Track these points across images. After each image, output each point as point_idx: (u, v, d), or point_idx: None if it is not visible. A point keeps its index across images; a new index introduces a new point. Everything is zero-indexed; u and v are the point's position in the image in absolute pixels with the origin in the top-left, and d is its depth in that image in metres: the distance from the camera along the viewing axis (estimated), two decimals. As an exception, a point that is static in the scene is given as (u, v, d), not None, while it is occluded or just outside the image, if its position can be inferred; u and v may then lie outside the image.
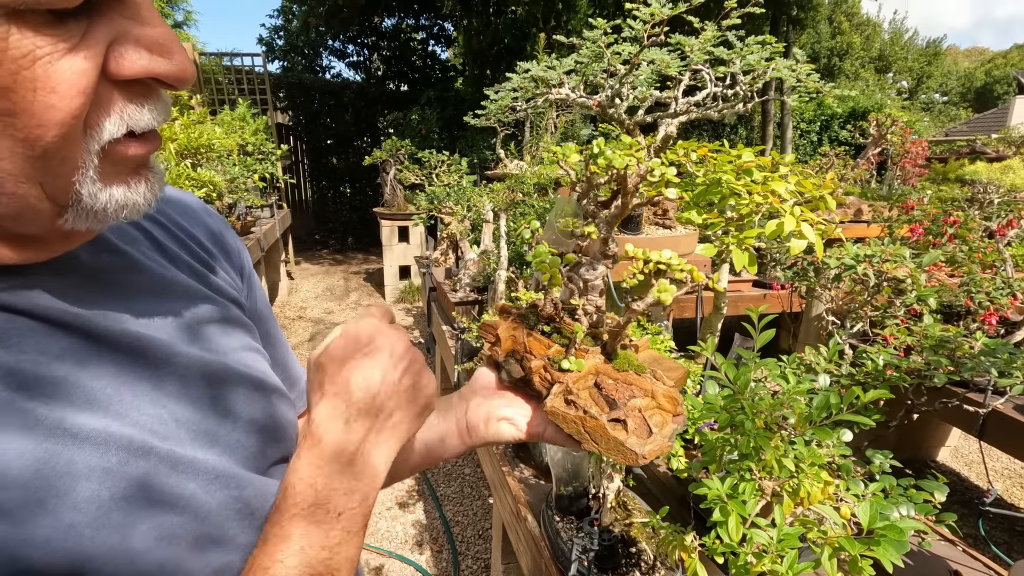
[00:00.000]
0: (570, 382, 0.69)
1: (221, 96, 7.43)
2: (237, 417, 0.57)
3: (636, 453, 0.63)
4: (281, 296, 7.23)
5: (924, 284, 1.56)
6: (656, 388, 0.70)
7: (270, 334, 0.75)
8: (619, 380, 0.70)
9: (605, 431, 0.64)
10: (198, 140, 3.33)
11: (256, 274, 0.78)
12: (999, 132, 9.02)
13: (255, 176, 6.00)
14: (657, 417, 0.67)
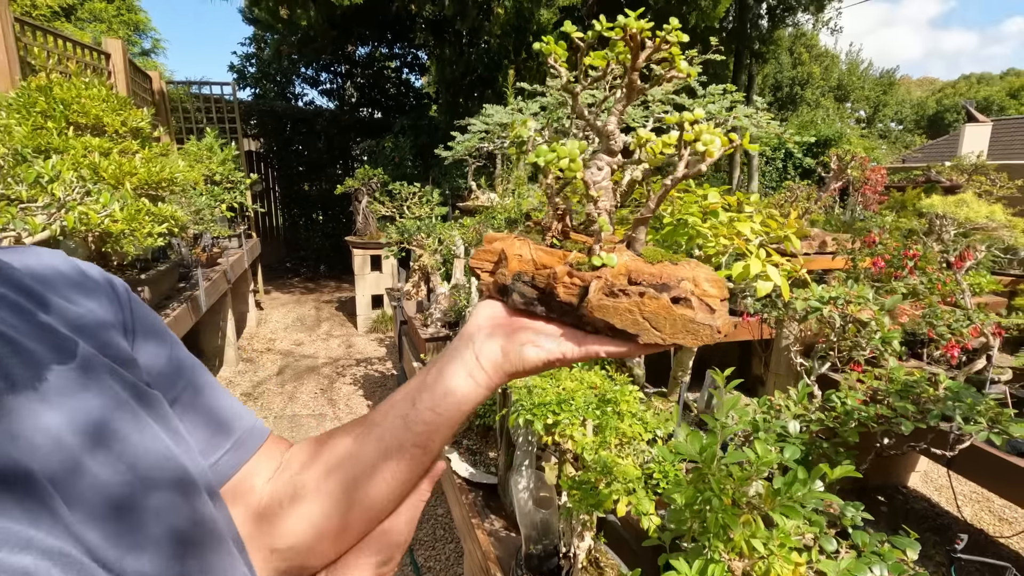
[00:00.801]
0: (608, 276, 0.61)
1: (189, 125, 7.31)
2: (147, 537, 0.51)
3: (711, 327, 0.57)
4: (249, 327, 7.04)
5: (888, 327, 1.57)
6: (697, 274, 0.62)
7: (195, 383, 0.66)
8: (655, 272, 0.62)
9: (670, 310, 0.58)
10: (159, 174, 3.24)
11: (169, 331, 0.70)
12: (952, 160, 9.44)
13: (223, 206, 5.88)
14: (709, 299, 0.61)
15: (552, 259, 0.69)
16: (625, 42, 0.78)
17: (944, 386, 1.48)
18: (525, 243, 0.73)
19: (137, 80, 5.92)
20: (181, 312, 3.81)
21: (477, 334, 0.66)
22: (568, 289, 0.64)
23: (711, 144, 0.66)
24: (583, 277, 0.64)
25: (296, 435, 4.36)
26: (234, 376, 5.51)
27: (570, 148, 0.70)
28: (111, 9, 11.59)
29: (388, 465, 0.63)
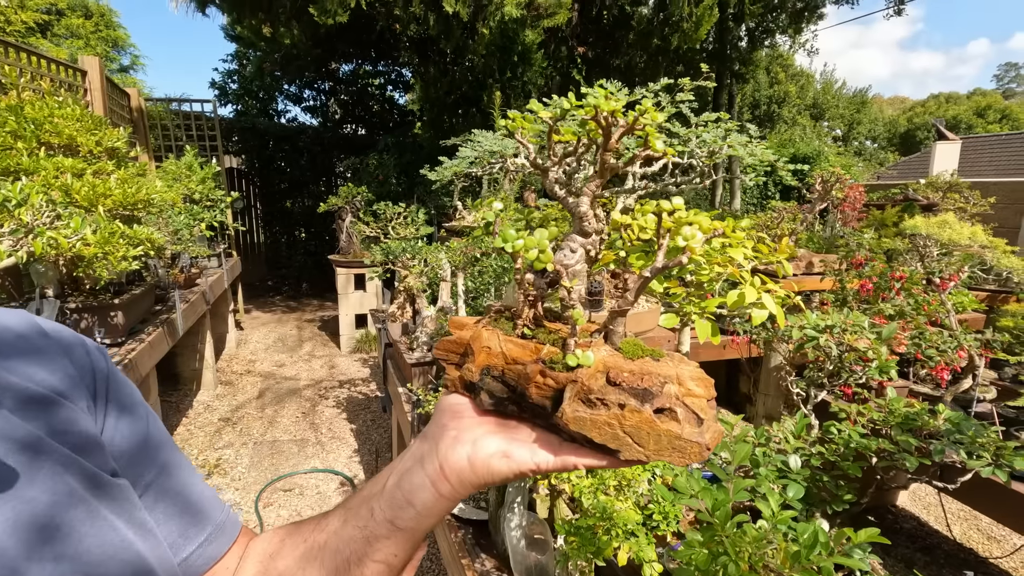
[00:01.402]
0: (584, 379, 0.57)
1: (168, 142, 7.19)
2: None
3: (699, 444, 0.53)
4: (229, 349, 6.86)
5: (885, 357, 1.55)
6: (681, 372, 0.59)
7: (167, 466, 0.62)
8: (636, 370, 0.58)
9: (653, 425, 0.53)
10: (135, 195, 3.15)
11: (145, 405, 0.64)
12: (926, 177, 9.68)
13: (202, 225, 5.76)
14: (693, 403, 0.57)
15: (523, 352, 0.65)
16: (595, 122, 0.74)
17: (944, 416, 1.46)
18: (494, 333, 0.69)
19: (115, 98, 5.81)
20: (157, 337, 3.68)
21: (442, 438, 0.61)
22: (541, 390, 0.60)
23: (692, 239, 0.64)
24: (557, 378, 0.59)
25: (277, 462, 4.22)
26: (212, 400, 5.34)
27: (539, 238, 0.67)
28: (89, 25, 11.44)
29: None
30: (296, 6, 5.91)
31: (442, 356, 0.73)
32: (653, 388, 0.57)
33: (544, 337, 0.69)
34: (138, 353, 3.32)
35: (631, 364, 0.62)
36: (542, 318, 0.75)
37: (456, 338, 0.72)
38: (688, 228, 0.64)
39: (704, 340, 1.87)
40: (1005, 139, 23.21)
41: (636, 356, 0.63)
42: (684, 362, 0.64)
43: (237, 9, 6.37)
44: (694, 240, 0.64)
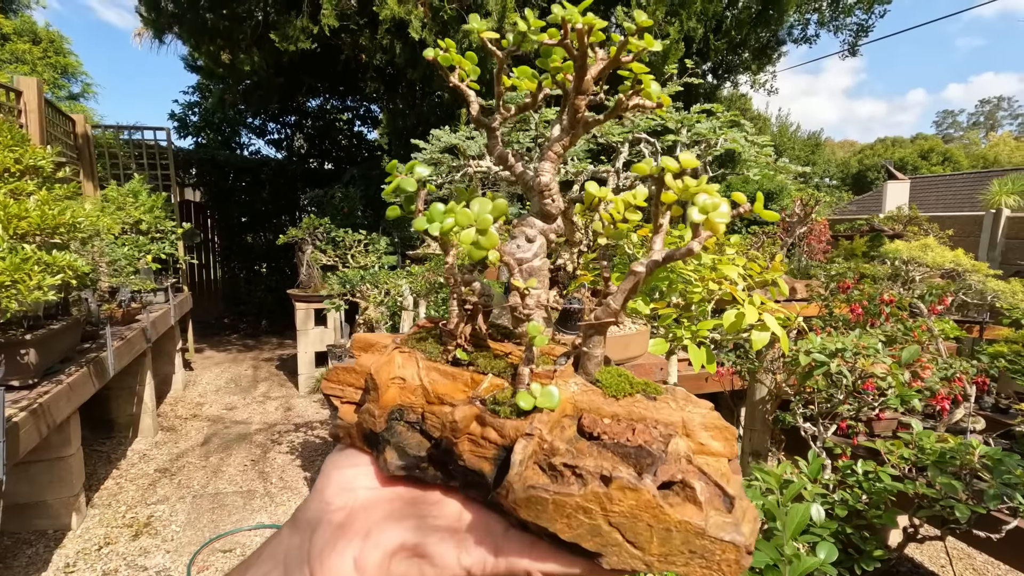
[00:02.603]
0: (543, 431, 0.38)
1: (117, 172, 6.80)
2: None
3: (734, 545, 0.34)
4: (175, 391, 6.34)
5: (905, 383, 1.35)
6: (689, 416, 0.40)
7: None
8: (622, 416, 0.41)
9: (658, 513, 0.34)
10: (57, 218, 2.81)
11: None
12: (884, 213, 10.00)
13: (148, 257, 5.36)
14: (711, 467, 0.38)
15: (454, 387, 0.45)
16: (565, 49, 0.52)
17: (980, 453, 1.25)
18: (411, 358, 0.48)
19: (56, 122, 5.45)
20: (79, 378, 3.26)
21: (320, 525, 0.39)
22: (478, 448, 0.40)
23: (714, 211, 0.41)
24: (502, 429, 0.39)
25: (218, 518, 3.76)
26: (150, 449, 4.83)
27: (478, 211, 0.45)
28: (36, 51, 10.99)
29: None
30: (257, 33, 5.74)
31: (334, 391, 0.49)
32: (653, 446, 0.36)
33: (486, 363, 0.48)
34: (52, 396, 2.90)
35: (615, 405, 0.42)
36: (485, 336, 0.53)
37: (357, 365, 0.49)
38: (704, 197, 0.41)
39: (699, 369, 1.59)
40: (949, 179, 24.63)
41: (622, 393, 0.44)
42: (691, 401, 0.43)
43: (195, 36, 6.15)
44: (717, 213, 0.41)
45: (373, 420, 0.44)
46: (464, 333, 0.53)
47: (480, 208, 0.46)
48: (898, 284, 3.13)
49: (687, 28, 5.61)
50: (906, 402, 1.36)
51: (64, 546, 3.35)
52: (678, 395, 0.43)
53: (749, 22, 6.44)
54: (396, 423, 0.44)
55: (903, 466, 1.26)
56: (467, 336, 0.53)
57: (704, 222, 0.40)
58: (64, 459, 3.36)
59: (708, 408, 0.42)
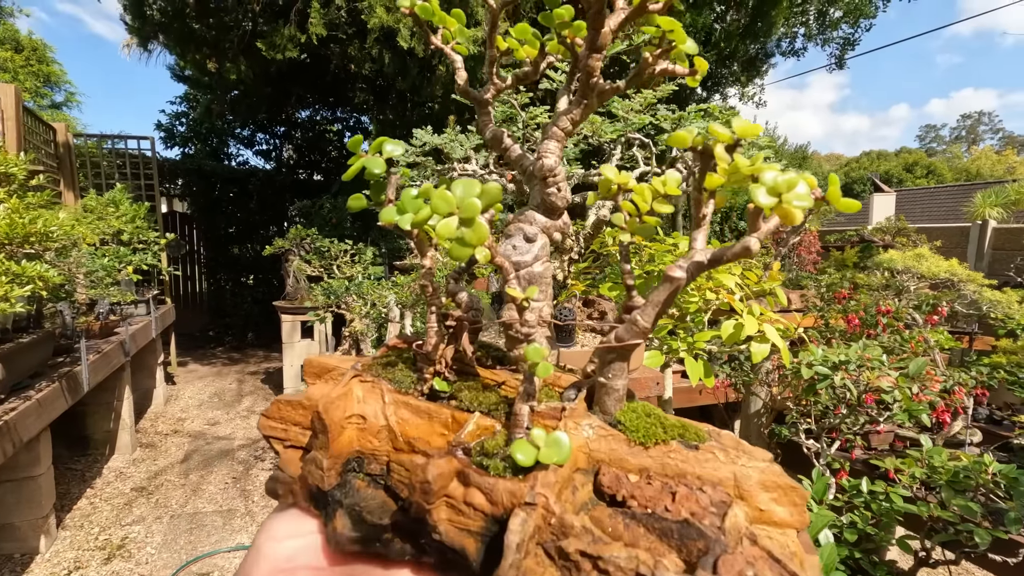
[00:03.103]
0: (550, 499, 0.29)
1: (99, 181, 6.67)
2: None
3: None
4: (156, 406, 6.16)
5: (913, 397, 1.28)
6: (742, 471, 0.32)
7: None
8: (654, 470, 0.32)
9: None
10: (27, 227, 2.70)
11: None
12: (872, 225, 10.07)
13: (128, 268, 5.22)
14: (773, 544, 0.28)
15: (429, 428, 0.36)
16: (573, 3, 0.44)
17: (994, 471, 1.18)
18: (375, 390, 0.39)
19: (36, 130, 5.33)
20: (50, 393, 3.13)
21: None
22: (460, 517, 0.30)
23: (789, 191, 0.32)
24: (492, 493, 0.30)
25: (196, 539, 3.61)
26: (127, 466, 4.67)
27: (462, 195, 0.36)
28: (19, 59, 10.82)
29: None
30: (243, 41, 5.67)
31: (275, 432, 0.40)
32: (704, 521, 0.27)
33: (472, 397, 0.39)
34: (20, 413, 2.77)
35: (644, 457, 0.33)
36: (472, 360, 0.44)
37: (305, 398, 0.39)
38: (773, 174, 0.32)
39: (696, 382, 1.50)
40: (934, 191, 25.01)
41: (653, 438, 0.34)
42: (743, 450, 0.34)
43: (181, 44, 6.07)
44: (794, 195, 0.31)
45: (320, 474, 0.34)
46: (444, 357, 0.43)
47: (464, 192, 0.35)
48: (891, 294, 3.09)
49: (676, 40, 5.62)
50: (914, 416, 1.29)
51: (31, 571, 3.18)
52: (725, 441, 0.34)
53: (738, 35, 6.48)
54: (353, 477, 0.34)
55: (913, 485, 1.19)
56: (448, 361, 0.43)
57: (776, 207, 0.31)
58: (33, 479, 3.21)
59: (766, 460, 0.32)
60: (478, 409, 0.37)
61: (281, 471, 0.38)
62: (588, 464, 0.32)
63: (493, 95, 0.52)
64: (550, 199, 0.50)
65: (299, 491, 0.36)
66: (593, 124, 1.14)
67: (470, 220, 0.34)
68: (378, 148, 0.42)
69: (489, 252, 0.36)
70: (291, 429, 0.39)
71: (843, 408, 1.46)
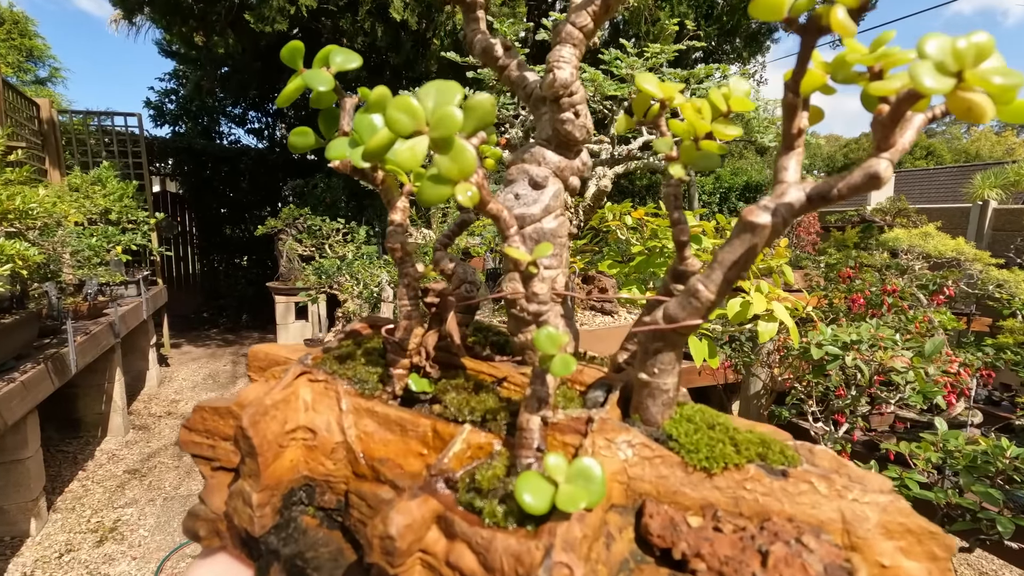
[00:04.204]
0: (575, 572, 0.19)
1: (86, 159, 6.52)
2: None
3: None
4: (149, 387, 6.10)
5: (927, 378, 1.22)
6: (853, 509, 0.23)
7: None
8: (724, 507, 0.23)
9: None
10: (5, 204, 2.60)
11: None
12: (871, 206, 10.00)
13: (117, 248, 5.11)
14: None
15: (402, 446, 0.27)
16: None
17: (1011, 455, 1.13)
18: (329, 392, 0.30)
19: (18, 106, 5.17)
20: (36, 375, 3.06)
21: None
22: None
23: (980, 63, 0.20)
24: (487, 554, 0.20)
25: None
26: (120, 448, 4.62)
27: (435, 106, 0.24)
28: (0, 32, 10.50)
29: None
30: (231, 14, 5.49)
31: (201, 450, 0.31)
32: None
33: (461, 401, 0.30)
34: (4, 395, 2.70)
35: (707, 488, 0.24)
36: (460, 348, 0.34)
37: (234, 403, 0.31)
38: (936, 43, 0.21)
39: (701, 363, 1.42)
40: (932, 172, 24.91)
41: (720, 460, 0.25)
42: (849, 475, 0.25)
43: (167, 16, 5.88)
44: (993, 71, 0.20)
45: (249, 513, 0.26)
46: (426, 345, 0.33)
47: (438, 99, 0.24)
48: (895, 273, 3.03)
49: (678, 13, 5.46)
50: (928, 398, 1.24)
51: (21, 554, 3.15)
52: (823, 462, 0.25)
53: (741, 8, 6.31)
54: (298, 512, 0.26)
55: (929, 470, 1.14)
56: (429, 351, 0.33)
57: (952, 93, 0.20)
58: (21, 461, 3.15)
59: (887, 491, 0.24)
60: (469, 419, 0.28)
61: (204, 503, 0.29)
62: (627, 499, 0.23)
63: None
64: (565, 128, 0.36)
65: (226, 532, 0.28)
66: (595, 81, 1.05)
67: (447, 142, 0.24)
68: (324, 60, 0.33)
69: (477, 192, 0.25)
70: (220, 445, 0.30)
71: (852, 390, 1.40)
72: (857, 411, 2.04)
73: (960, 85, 0.20)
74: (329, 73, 0.32)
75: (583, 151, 0.37)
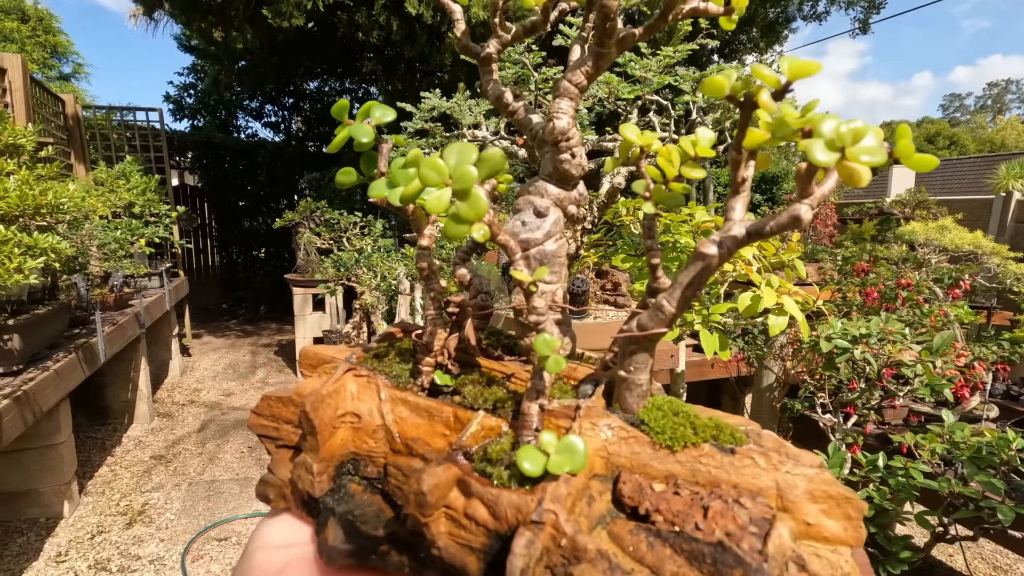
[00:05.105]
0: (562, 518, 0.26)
1: (109, 154, 6.66)
2: None
3: None
4: (172, 377, 6.27)
5: (936, 372, 1.24)
6: (786, 480, 0.28)
7: None
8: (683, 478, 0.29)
9: None
10: (38, 199, 2.70)
11: None
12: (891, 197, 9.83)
13: (141, 241, 5.25)
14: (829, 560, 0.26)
15: (430, 428, 0.33)
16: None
17: (1018, 447, 1.15)
18: (371, 385, 0.36)
19: (44, 101, 5.30)
20: (68, 364, 3.18)
21: None
22: (461, 532, 0.28)
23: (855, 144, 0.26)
24: (496, 507, 0.27)
25: (214, 505, 3.70)
26: (146, 435, 4.77)
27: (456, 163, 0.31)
28: (25, 29, 10.72)
29: None
30: (249, 9, 5.56)
31: (267, 431, 0.37)
32: (743, 544, 0.24)
33: (476, 393, 0.36)
34: (38, 383, 2.82)
35: (671, 462, 0.29)
36: (476, 350, 0.41)
37: (295, 394, 0.36)
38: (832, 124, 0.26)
39: (712, 355, 1.47)
40: (955, 163, 24.31)
41: (681, 441, 0.30)
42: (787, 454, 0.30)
43: (186, 12, 5.97)
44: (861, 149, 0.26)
45: (310, 479, 0.32)
46: (447, 347, 0.40)
47: (459, 159, 0.31)
48: (910, 266, 3.01)
49: (694, 4, 5.41)
50: (937, 392, 1.26)
51: (56, 534, 3.29)
52: (766, 443, 0.30)
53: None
54: (348, 480, 0.32)
55: (934, 461, 1.17)
56: (451, 352, 0.40)
57: (837, 164, 0.26)
58: (55, 447, 3.29)
59: (815, 466, 0.29)
60: (483, 407, 0.34)
61: (272, 473, 0.35)
62: (607, 470, 0.29)
63: (497, 50, 0.47)
64: (563, 167, 0.45)
65: (290, 497, 0.34)
66: (609, 84, 1.08)
67: (465, 192, 0.30)
68: (366, 114, 0.38)
69: (489, 229, 0.33)
70: (283, 427, 0.37)
71: (861, 383, 1.43)
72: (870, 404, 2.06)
73: (842, 159, 0.25)
74: (369, 126, 0.37)
75: (580, 184, 0.43)
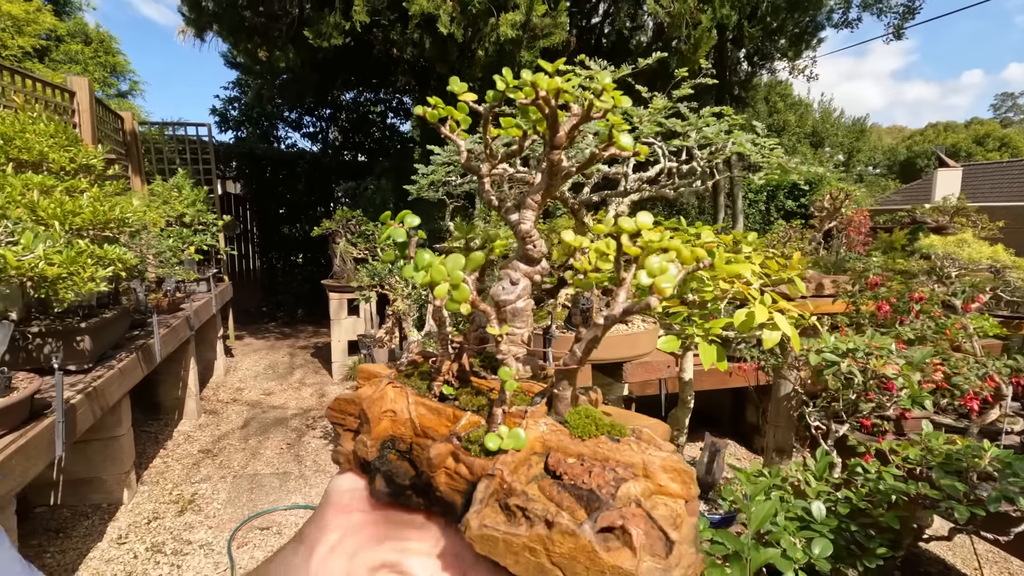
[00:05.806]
0: (506, 473, 0.42)
1: (163, 166, 7.12)
2: None
3: None
4: (217, 376, 6.64)
5: (918, 385, 1.35)
6: (650, 459, 0.43)
7: None
8: (587, 456, 0.44)
9: (593, 558, 0.37)
10: (108, 214, 3.00)
11: None
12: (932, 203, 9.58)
13: (191, 248, 5.61)
14: (663, 509, 0.40)
15: (438, 421, 0.50)
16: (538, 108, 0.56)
17: (991, 456, 1.25)
18: (402, 393, 0.53)
19: (106, 120, 5.74)
20: (130, 363, 3.48)
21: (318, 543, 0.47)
22: (453, 480, 0.45)
23: (661, 276, 0.43)
24: (472, 466, 0.43)
25: (256, 497, 3.97)
26: (194, 430, 5.10)
27: (451, 267, 0.48)
28: (88, 51, 11.58)
29: None
30: (292, 30, 5.90)
31: (337, 419, 0.55)
32: (603, 491, 0.39)
33: (468, 400, 0.53)
34: (105, 380, 3.12)
35: (582, 446, 0.45)
36: (469, 373, 0.59)
37: (355, 396, 0.54)
38: (655, 259, 0.44)
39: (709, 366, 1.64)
40: (1006, 166, 23.28)
41: (588, 433, 0.46)
42: (653, 443, 0.46)
43: (234, 34, 6.36)
44: (664, 278, 0.43)
45: (366, 449, 0.49)
46: (451, 370, 0.58)
47: (452, 264, 0.49)
48: (932, 280, 3.04)
49: (720, 16, 5.49)
50: (918, 402, 1.36)
51: (117, 519, 3.60)
52: (642, 436, 0.46)
53: (785, 7, 6.25)
54: (388, 451, 0.49)
55: (911, 466, 1.27)
56: (454, 373, 0.58)
57: (652, 286, 0.43)
58: (116, 439, 3.60)
59: (669, 451, 0.44)
60: (471, 409, 0.51)
61: (341, 447, 0.53)
62: (543, 449, 0.45)
63: (489, 169, 0.65)
64: (529, 253, 0.62)
65: (352, 461, 0.52)
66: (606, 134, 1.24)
67: (456, 285, 0.48)
68: (401, 219, 0.56)
69: (470, 307, 0.50)
70: (347, 418, 0.55)
71: (850, 393, 1.53)
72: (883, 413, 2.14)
73: (656, 281, 0.41)
74: (403, 229, 0.55)
75: (542, 261, 0.59)
